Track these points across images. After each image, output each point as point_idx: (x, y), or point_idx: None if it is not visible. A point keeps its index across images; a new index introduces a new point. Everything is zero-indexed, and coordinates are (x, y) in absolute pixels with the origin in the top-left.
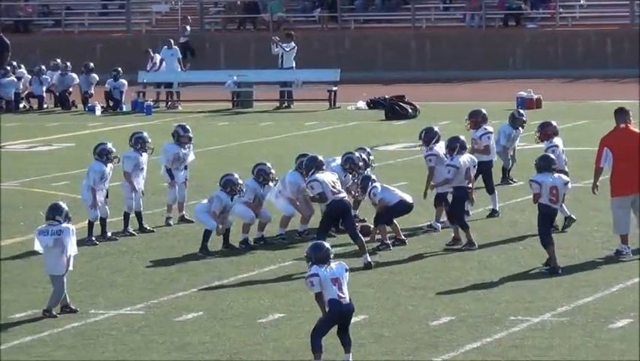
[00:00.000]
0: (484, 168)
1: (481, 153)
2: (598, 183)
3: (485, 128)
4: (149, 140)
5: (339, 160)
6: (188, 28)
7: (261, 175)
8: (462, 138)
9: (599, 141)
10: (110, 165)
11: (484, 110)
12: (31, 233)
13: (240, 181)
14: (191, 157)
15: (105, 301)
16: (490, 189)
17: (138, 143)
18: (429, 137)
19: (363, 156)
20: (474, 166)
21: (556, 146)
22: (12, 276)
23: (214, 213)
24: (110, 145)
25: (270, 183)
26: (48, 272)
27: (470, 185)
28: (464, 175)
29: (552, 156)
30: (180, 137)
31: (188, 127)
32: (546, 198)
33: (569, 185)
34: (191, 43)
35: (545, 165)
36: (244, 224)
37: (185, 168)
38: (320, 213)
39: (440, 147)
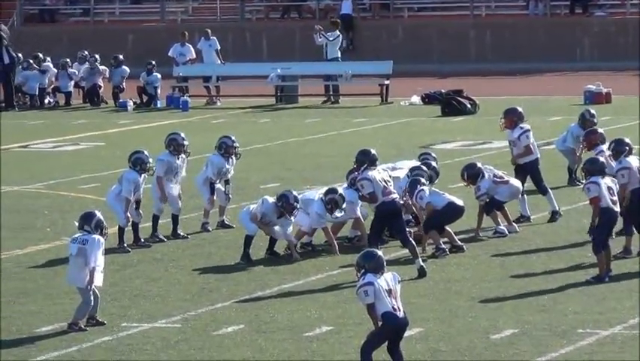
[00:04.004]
0: (531, 168)
1: (524, 155)
2: None
3: (522, 127)
4: (186, 142)
5: (402, 168)
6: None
7: (332, 204)
8: (627, 140)
9: None
10: (144, 175)
11: (520, 108)
12: (58, 240)
13: (298, 205)
14: (231, 172)
15: (138, 314)
16: (542, 190)
17: (172, 145)
18: (473, 175)
19: (433, 164)
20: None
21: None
22: (37, 286)
23: (255, 217)
24: (145, 154)
25: (337, 213)
26: (68, 282)
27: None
28: (638, 175)
29: (601, 159)
30: (229, 147)
31: (234, 138)
32: (607, 200)
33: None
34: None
35: (598, 168)
36: (298, 230)
37: (227, 182)
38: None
39: (486, 182)
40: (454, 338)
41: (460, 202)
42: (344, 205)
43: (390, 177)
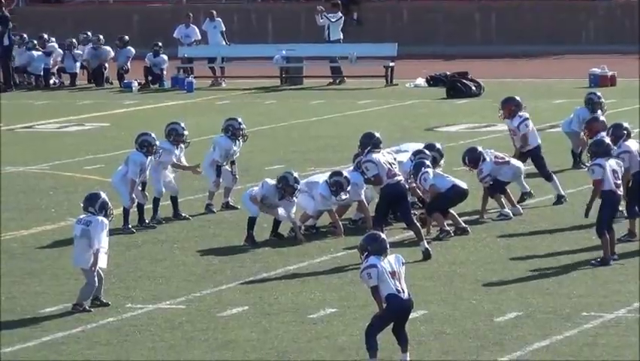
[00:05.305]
0: (534, 155)
1: (525, 144)
2: None
3: (521, 116)
4: (186, 132)
5: (407, 151)
6: None
7: (336, 186)
8: (625, 124)
9: None
10: (150, 157)
11: (517, 97)
12: (63, 221)
13: (298, 186)
14: (237, 154)
15: (143, 295)
16: (546, 176)
17: (172, 135)
18: (474, 158)
19: (437, 145)
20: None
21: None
22: (42, 267)
23: (255, 199)
24: (152, 136)
25: (342, 196)
26: (74, 264)
27: None
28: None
29: (607, 140)
30: (235, 130)
31: (240, 120)
32: (611, 183)
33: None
34: None
35: (603, 150)
36: (304, 213)
37: (233, 163)
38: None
39: (487, 164)
40: (459, 321)
41: (463, 185)
42: (349, 188)
43: (395, 159)
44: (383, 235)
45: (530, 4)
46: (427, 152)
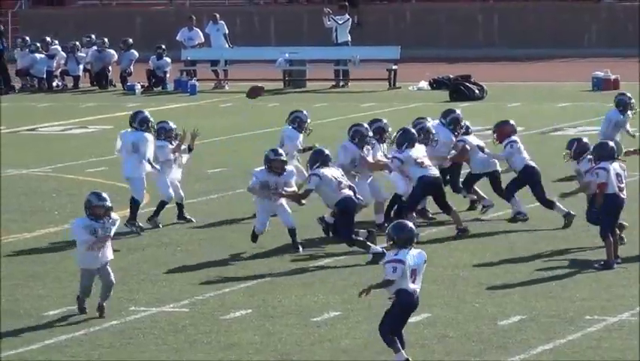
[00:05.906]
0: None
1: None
2: None
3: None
4: (174, 126)
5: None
6: None
7: (357, 136)
8: (585, 139)
9: None
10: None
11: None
12: (66, 223)
13: (281, 157)
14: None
15: (146, 298)
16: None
17: (161, 133)
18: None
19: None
20: None
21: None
22: (45, 269)
23: (254, 189)
24: (147, 112)
25: (368, 146)
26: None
27: None
28: None
29: (611, 143)
30: (302, 122)
31: (306, 112)
32: (614, 187)
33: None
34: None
35: (607, 153)
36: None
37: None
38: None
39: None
40: (462, 324)
41: (432, 173)
42: (369, 137)
43: (342, 175)
44: (410, 224)
45: (533, 6)
46: (425, 122)
